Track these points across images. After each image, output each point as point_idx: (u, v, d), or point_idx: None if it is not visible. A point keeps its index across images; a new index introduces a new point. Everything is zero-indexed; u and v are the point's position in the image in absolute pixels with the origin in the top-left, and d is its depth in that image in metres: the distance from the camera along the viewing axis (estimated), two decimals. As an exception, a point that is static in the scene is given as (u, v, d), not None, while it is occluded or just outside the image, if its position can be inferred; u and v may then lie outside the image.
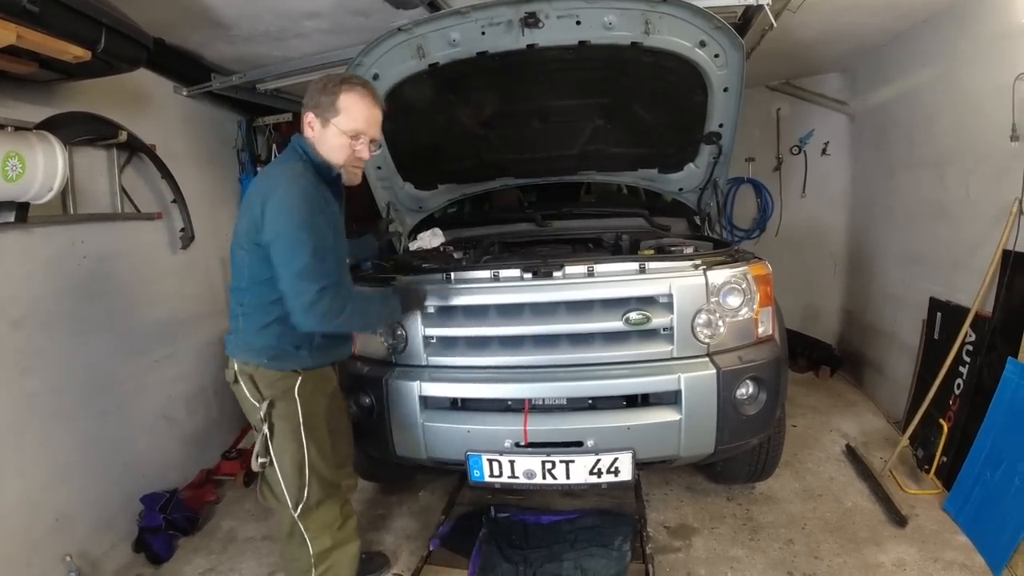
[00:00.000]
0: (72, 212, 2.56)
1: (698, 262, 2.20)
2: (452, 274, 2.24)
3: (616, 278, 2.15)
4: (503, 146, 3.02)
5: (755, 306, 2.21)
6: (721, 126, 2.78)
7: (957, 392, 2.83)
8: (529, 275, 2.17)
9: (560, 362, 2.13)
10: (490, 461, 2.08)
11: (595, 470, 2.06)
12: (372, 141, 1.83)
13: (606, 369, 2.11)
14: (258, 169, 3.98)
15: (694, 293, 2.13)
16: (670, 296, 2.12)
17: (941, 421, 2.79)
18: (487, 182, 3.22)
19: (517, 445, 2.09)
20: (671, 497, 2.94)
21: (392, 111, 2.78)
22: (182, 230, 3.19)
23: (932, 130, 3.25)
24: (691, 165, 3.06)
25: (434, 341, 2.25)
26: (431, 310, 2.23)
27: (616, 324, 2.11)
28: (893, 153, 3.74)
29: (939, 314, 3.09)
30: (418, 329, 2.22)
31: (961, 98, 2.96)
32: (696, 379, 2.06)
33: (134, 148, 2.90)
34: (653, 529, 2.67)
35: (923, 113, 3.34)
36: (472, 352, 2.20)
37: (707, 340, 2.14)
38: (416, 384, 2.16)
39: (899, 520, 2.57)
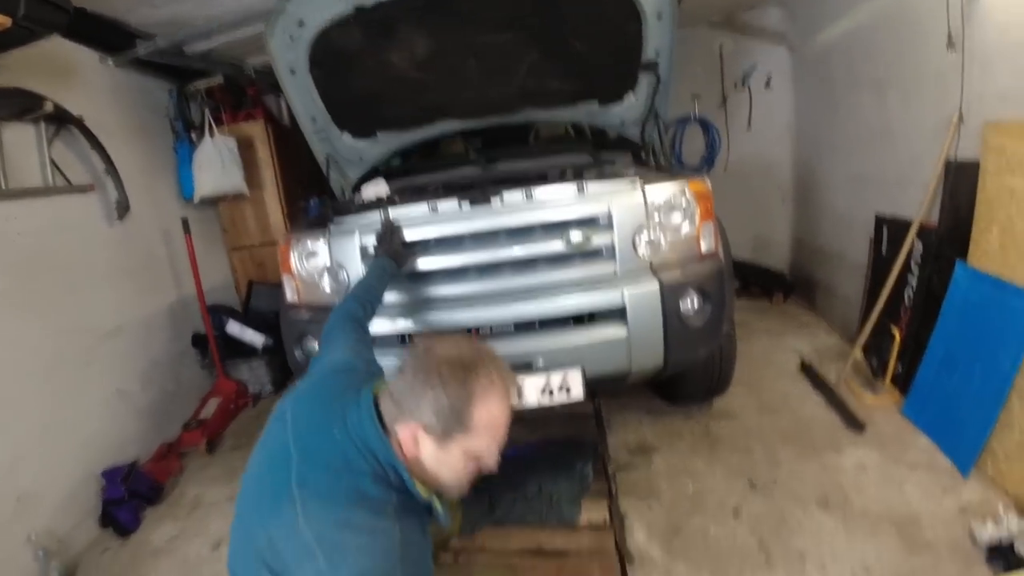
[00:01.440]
0: (3, 188, 2.45)
1: (636, 180, 2.17)
2: (389, 209, 2.17)
3: (555, 201, 2.11)
4: (439, 87, 2.91)
5: (696, 222, 2.19)
6: (658, 54, 2.71)
7: (907, 302, 2.87)
8: (467, 204, 2.11)
9: (505, 288, 2.09)
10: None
11: (546, 389, 2.04)
12: None
13: (551, 291, 2.07)
14: (192, 138, 3.79)
15: (633, 211, 2.10)
16: (609, 216, 2.08)
17: (893, 329, 2.83)
18: (427, 126, 3.12)
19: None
20: (630, 420, 2.97)
21: (322, 57, 2.69)
22: (116, 200, 3.05)
23: (871, 53, 3.25)
24: (631, 96, 3.00)
25: (377, 280, 2.18)
26: (370, 249, 2.16)
27: (558, 247, 2.07)
28: (835, 81, 3.74)
29: (885, 229, 3.13)
30: (359, 269, 2.15)
31: (898, 14, 2.94)
32: (640, 294, 2.04)
33: (62, 120, 2.78)
34: (614, 451, 2.70)
35: (861, 37, 3.33)
36: (416, 287, 2.14)
37: (649, 258, 2.12)
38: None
39: (857, 426, 2.61)
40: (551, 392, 2.06)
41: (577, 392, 2.06)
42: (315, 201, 2.45)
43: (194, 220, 3.60)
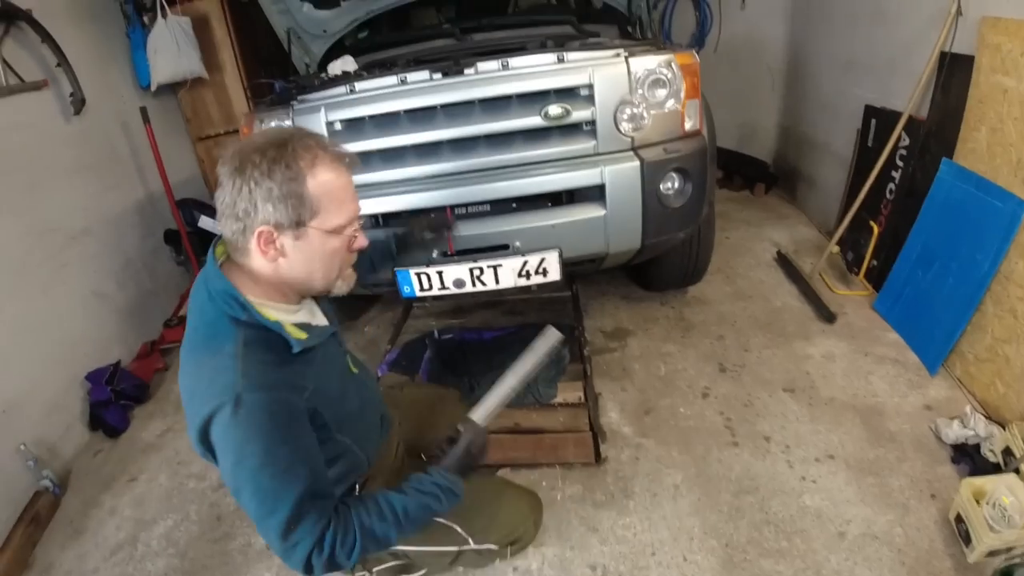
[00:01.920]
0: None
1: (620, 51, 2.00)
2: (355, 83, 2.00)
3: (533, 71, 1.95)
4: (407, -53, 2.62)
5: (681, 97, 2.04)
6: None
7: (889, 196, 2.81)
8: (439, 75, 1.95)
9: (480, 166, 1.97)
10: (418, 275, 2.00)
11: (523, 272, 2.00)
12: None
13: (528, 169, 1.97)
14: (144, 21, 3.44)
15: (616, 83, 1.95)
16: (591, 87, 1.93)
17: (872, 223, 2.79)
18: (394, -8, 2.84)
19: (444, 256, 2.01)
20: (607, 305, 2.98)
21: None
22: (71, 94, 2.80)
23: None
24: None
25: (346, 161, 2.05)
26: (337, 126, 2.01)
27: (535, 120, 1.93)
28: None
29: (873, 120, 3.00)
30: (327, 149, 2.02)
31: None
32: (620, 172, 1.95)
33: (11, 17, 2.51)
34: (590, 334, 2.73)
35: None
36: (387, 166, 2.01)
37: (631, 134, 2.00)
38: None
39: (828, 317, 2.63)
40: (528, 274, 2.02)
41: (554, 274, 2.03)
42: (280, 83, 2.25)
43: (154, 110, 3.33)
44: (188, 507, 2.10)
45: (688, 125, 2.10)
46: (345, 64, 2.57)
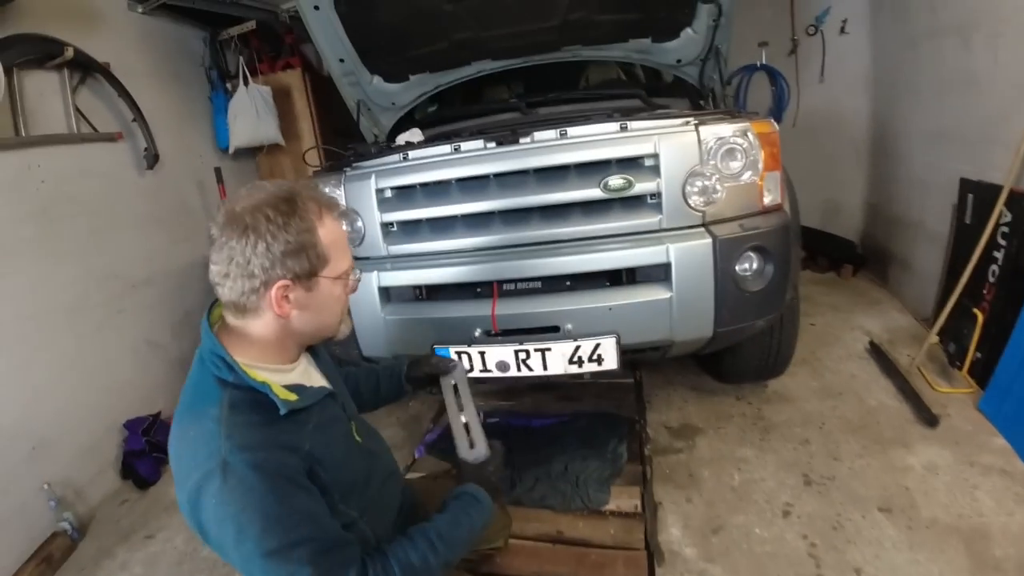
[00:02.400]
0: (23, 135, 2.36)
1: (690, 120, 1.81)
2: (409, 152, 1.91)
3: (593, 140, 1.78)
4: (474, 22, 2.58)
5: (759, 169, 1.81)
6: (719, -21, 2.31)
7: (992, 279, 2.42)
8: (492, 144, 1.82)
9: (533, 239, 1.80)
10: (459, 354, 1.80)
11: (575, 358, 1.76)
12: None
13: (585, 245, 1.77)
14: (227, 87, 3.64)
15: (685, 152, 1.75)
16: (656, 157, 1.74)
17: (975, 310, 2.41)
18: (462, 67, 2.82)
19: (488, 335, 1.80)
20: (674, 398, 2.66)
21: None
22: (145, 149, 2.94)
23: None
24: (688, 31, 2.59)
25: (393, 229, 1.94)
26: (388, 193, 1.91)
27: (594, 192, 1.75)
28: (915, 23, 3.19)
29: (970, 196, 2.65)
30: (375, 216, 1.91)
31: None
32: (688, 249, 1.71)
33: (86, 67, 2.67)
34: (653, 430, 2.41)
35: None
36: (435, 236, 1.88)
37: (702, 208, 1.77)
38: (374, 275, 1.86)
39: (929, 419, 2.24)
40: (580, 361, 1.77)
41: (610, 362, 1.77)
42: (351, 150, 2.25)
43: (231, 171, 3.48)
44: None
45: (768, 199, 1.86)
46: (412, 136, 2.54)
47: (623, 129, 1.78)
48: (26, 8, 2.35)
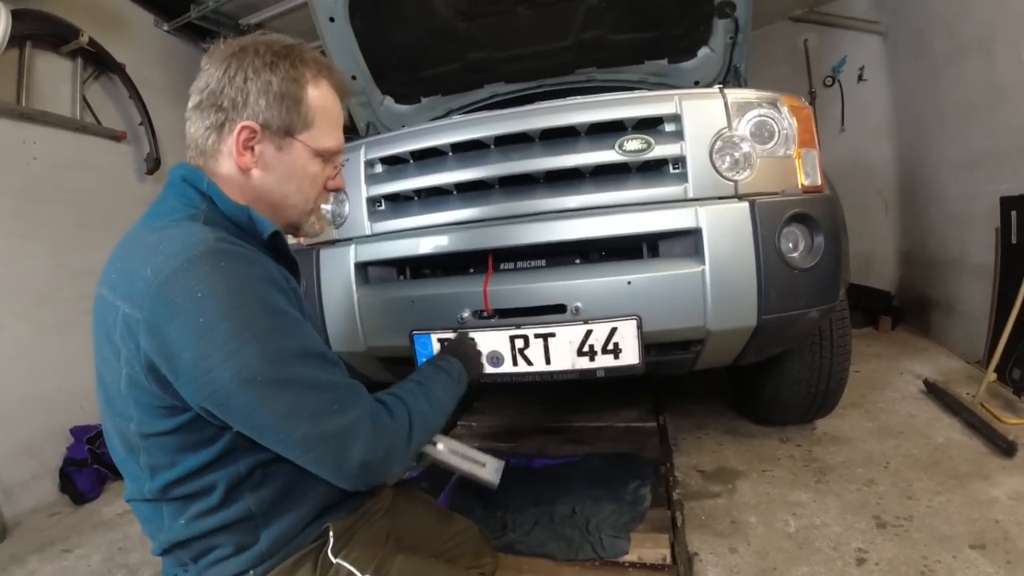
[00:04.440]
0: (24, 105, 2.27)
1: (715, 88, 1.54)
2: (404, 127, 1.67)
3: (607, 100, 1.50)
4: (487, 42, 2.47)
5: (794, 144, 1.51)
6: (736, -9, 2.15)
7: None
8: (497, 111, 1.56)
9: (538, 210, 1.47)
10: (442, 342, 1.42)
11: (585, 348, 1.37)
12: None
13: (597, 212, 1.44)
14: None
15: (710, 115, 1.45)
16: (678, 119, 1.45)
17: None
18: (474, 91, 2.67)
19: (478, 316, 1.43)
20: (706, 441, 2.20)
21: (363, 3, 2.33)
22: (147, 154, 2.81)
23: (970, 8, 2.64)
24: (706, 49, 2.43)
25: (381, 206, 1.64)
26: (378, 167, 1.64)
27: (609, 154, 1.45)
28: (933, 52, 3.05)
29: (1013, 213, 2.38)
30: (361, 191, 1.62)
31: None
32: (722, 214, 1.36)
33: (101, 63, 2.63)
34: (682, 473, 1.94)
35: None
36: (426, 210, 1.57)
37: (734, 178, 1.45)
38: (350, 249, 1.54)
39: (1007, 449, 1.85)
40: (592, 352, 1.38)
41: (630, 355, 1.37)
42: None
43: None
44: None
45: (807, 180, 1.53)
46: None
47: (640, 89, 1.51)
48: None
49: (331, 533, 0.84)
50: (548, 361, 1.39)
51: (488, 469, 1.18)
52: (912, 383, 2.55)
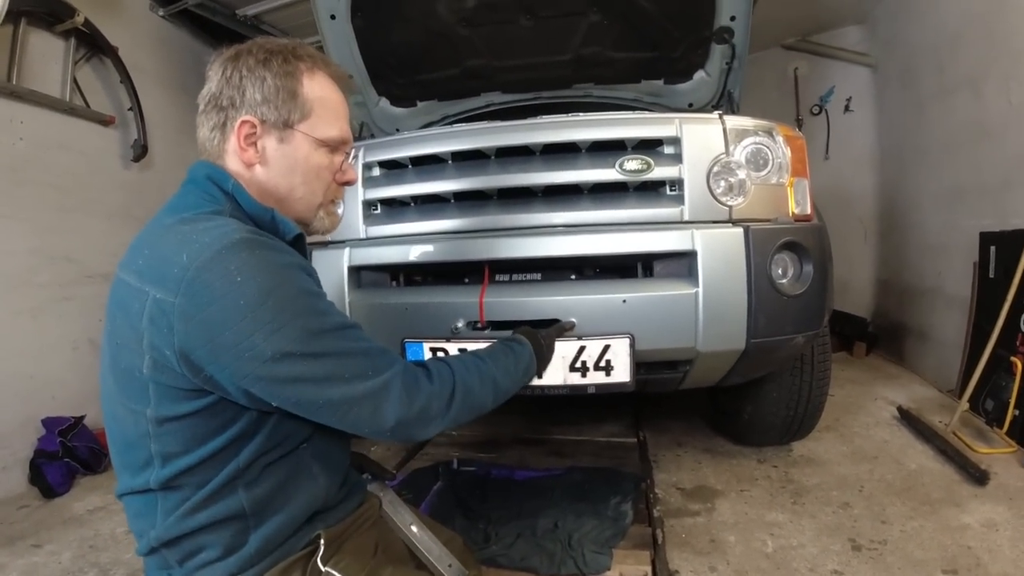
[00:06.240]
0: (14, 82, 2.20)
1: (714, 114, 1.58)
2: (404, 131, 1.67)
3: (608, 119, 1.54)
4: (487, 50, 2.48)
5: (787, 172, 1.57)
6: (733, 19, 2.21)
7: None
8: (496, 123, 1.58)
9: (535, 225, 1.49)
10: (434, 351, 1.42)
11: (578, 363, 1.38)
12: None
13: (594, 230, 1.46)
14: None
15: (709, 140, 1.50)
16: (677, 142, 1.49)
17: (1013, 359, 2.15)
18: (470, 98, 2.68)
19: (472, 327, 1.43)
20: (685, 459, 2.23)
21: (365, 2, 2.32)
22: (135, 140, 2.75)
23: (962, 47, 2.74)
24: (701, 73, 2.48)
25: (376, 210, 1.64)
26: (376, 171, 1.64)
27: (609, 172, 1.47)
28: (922, 87, 3.17)
29: (992, 248, 2.46)
30: (357, 194, 1.62)
31: (987, 3, 2.47)
32: (717, 238, 1.40)
33: (94, 44, 2.56)
34: (662, 491, 1.96)
35: (949, 33, 2.83)
36: (422, 217, 1.57)
37: (729, 203, 1.49)
38: (343, 252, 1.54)
39: (979, 478, 1.92)
40: (584, 368, 1.39)
41: (622, 372, 1.39)
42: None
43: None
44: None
45: (797, 209, 1.59)
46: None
47: (643, 111, 1.54)
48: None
49: (322, 540, 0.84)
50: (540, 375, 1.40)
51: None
52: (885, 409, 2.63)
